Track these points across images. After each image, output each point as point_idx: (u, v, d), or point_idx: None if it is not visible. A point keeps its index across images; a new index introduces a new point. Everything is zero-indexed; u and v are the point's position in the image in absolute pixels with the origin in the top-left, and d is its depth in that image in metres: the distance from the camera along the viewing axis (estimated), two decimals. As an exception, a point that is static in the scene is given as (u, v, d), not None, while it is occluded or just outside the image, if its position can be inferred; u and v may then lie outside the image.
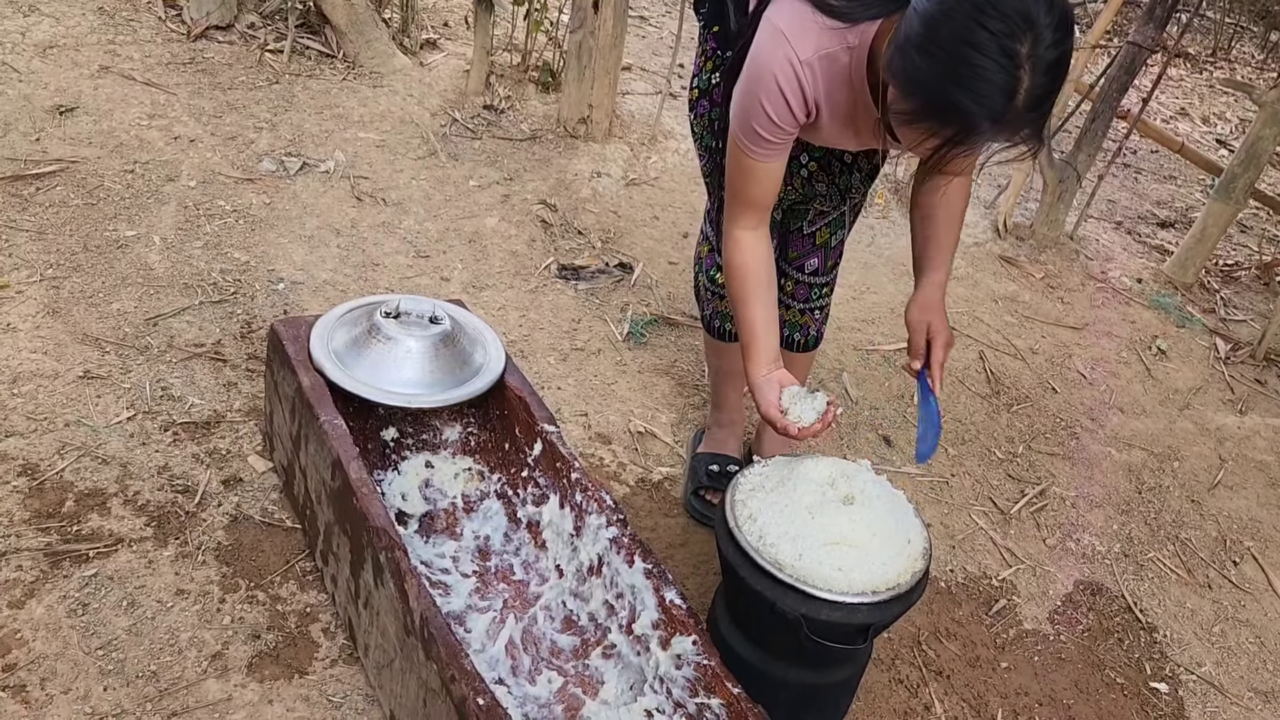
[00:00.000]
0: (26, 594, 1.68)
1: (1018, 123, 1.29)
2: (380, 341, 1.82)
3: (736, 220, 1.70)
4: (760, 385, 1.68)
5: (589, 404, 2.41)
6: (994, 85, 1.23)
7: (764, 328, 1.70)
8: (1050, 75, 1.25)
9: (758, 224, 1.70)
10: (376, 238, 2.77)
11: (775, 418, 1.64)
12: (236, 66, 3.36)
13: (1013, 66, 1.23)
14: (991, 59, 1.22)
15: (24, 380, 2.06)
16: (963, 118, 1.27)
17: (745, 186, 1.67)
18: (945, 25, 1.24)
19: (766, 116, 1.55)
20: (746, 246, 1.70)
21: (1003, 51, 1.22)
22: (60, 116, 2.89)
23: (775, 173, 1.66)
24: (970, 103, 1.25)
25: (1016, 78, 1.23)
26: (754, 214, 1.69)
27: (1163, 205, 4.45)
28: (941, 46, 1.25)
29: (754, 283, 1.70)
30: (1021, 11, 1.22)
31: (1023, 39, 1.22)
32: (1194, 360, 3.23)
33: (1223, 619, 2.29)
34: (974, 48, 1.22)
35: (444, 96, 3.50)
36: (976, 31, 1.22)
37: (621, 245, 3.04)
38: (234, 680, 1.63)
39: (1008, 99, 1.24)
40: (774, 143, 1.60)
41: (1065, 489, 2.55)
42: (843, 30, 1.46)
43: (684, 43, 3.58)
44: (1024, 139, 1.33)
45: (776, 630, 1.54)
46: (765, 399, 1.66)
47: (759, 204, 1.69)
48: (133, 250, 2.49)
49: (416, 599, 1.45)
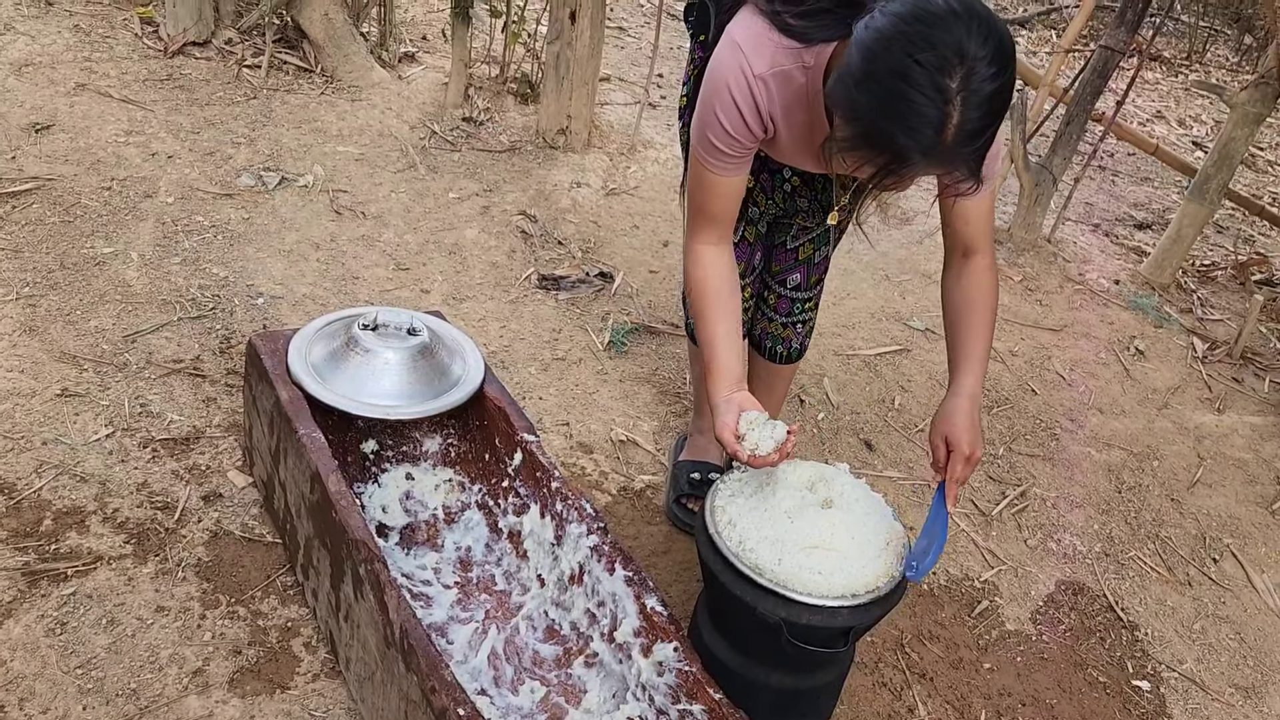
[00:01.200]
0: (4, 614, 1.67)
1: (950, 156, 1.29)
2: (358, 354, 1.82)
3: (697, 235, 1.69)
4: (719, 406, 1.63)
5: (570, 413, 2.41)
6: (924, 119, 1.24)
7: (725, 346, 1.66)
8: (985, 109, 1.26)
9: (719, 239, 1.69)
10: (356, 251, 2.77)
11: (729, 442, 1.57)
12: (214, 82, 3.36)
13: (942, 101, 1.23)
14: (922, 93, 1.23)
15: (0, 399, 2.05)
16: (894, 149, 1.28)
17: (705, 201, 1.66)
18: (881, 58, 1.25)
19: (722, 128, 1.55)
20: (708, 261, 1.68)
21: (934, 86, 1.23)
22: (36, 134, 2.88)
23: (734, 188, 1.65)
24: (901, 136, 1.26)
25: (946, 113, 1.24)
26: (714, 229, 1.68)
27: (1139, 207, 4.49)
28: (876, 79, 1.26)
29: (714, 299, 1.68)
30: (954, 46, 1.22)
31: (954, 73, 1.23)
32: (1172, 360, 3.25)
33: (1203, 616, 2.31)
34: (906, 82, 1.23)
35: (423, 109, 3.51)
36: (909, 66, 1.23)
37: (602, 254, 3.05)
38: (215, 696, 1.63)
39: (937, 133, 1.25)
40: (731, 155, 1.59)
41: (1046, 490, 2.56)
42: (799, 50, 1.47)
43: (662, 53, 3.59)
44: (960, 172, 1.34)
45: (758, 635, 1.54)
46: (722, 422, 1.60)
47: (719, 219, 1.67)
48: (110, 267, 2.49)
49: (396, 611, 1.45)
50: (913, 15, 1.24)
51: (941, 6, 1.24)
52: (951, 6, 1.24)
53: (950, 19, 1.23)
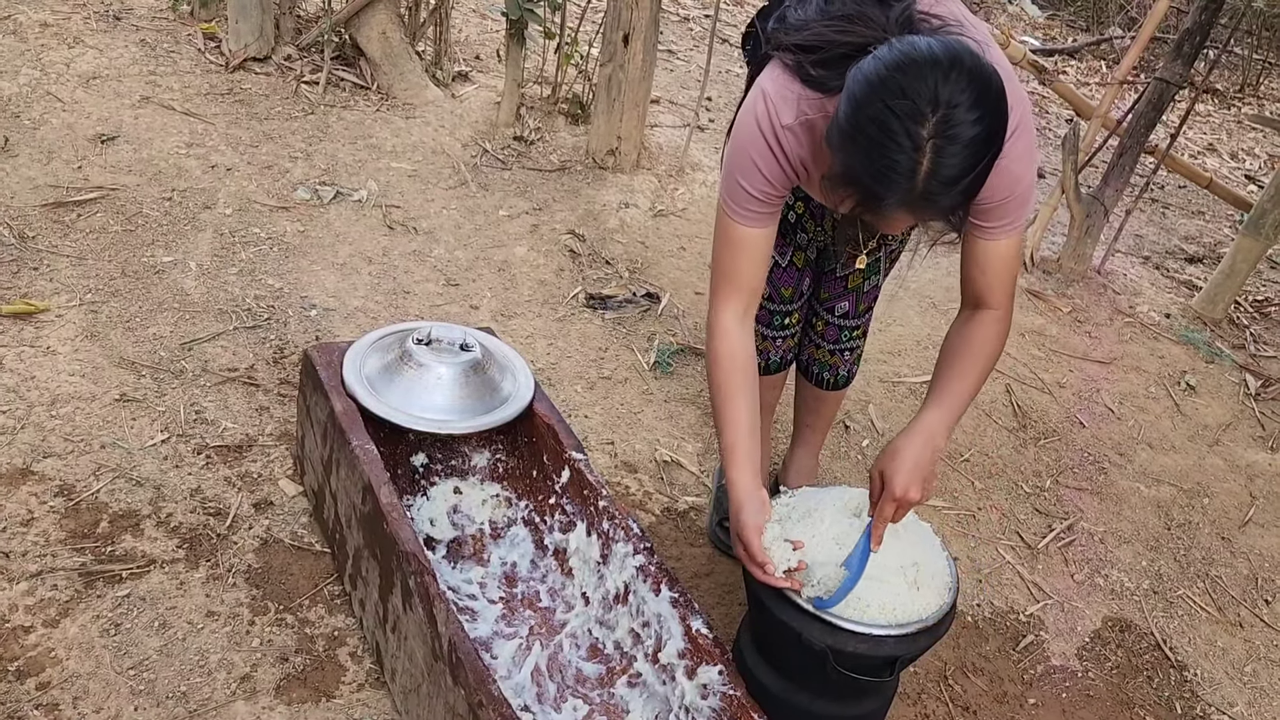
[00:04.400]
0: (61, 613, 1.71)
1: (926, 202, 1.30)
2: (412, 368, 1.84)
3: (723, 304, 1.63)
4: (746, 500, 1.56)
5: (615, 432, 2.42)
6: (896, 167, 1.27)
7: (746, 430, 1.61)
8: (963, 155, 1.27)
9: (744, 310, 1.64)
10: (407, 265, 2.81)
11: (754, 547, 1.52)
12: (273, 97, 3.43)
13: (913, 149, 1.26)
14: (894, 141, 1.26)
15: (62, 402, 2.10)
16: (870, 192, 1.31)
17: (731, 260, 1.62)
18: (863, 106, 1.28)
19: (757, 171, 1.54)
20: (732, 336, 1.63)
21: (905, 134, 1.25)
22: (102, 145, 2.95)
23: (762, 244, 1.61)
24: (877, 182, 1.29)
25: (916, 160, 1.26)
26: (740, 297, 1.63)
27: (1190, 240, 4.43)
28: (858, 127, 1.29)
29: (738, 378, 1.62)
30: (929, 95, 1.24)
31: (925, 121, 1.24)
32: (1224, 396, 3.20)
33: (1254, 658, 2.26)
34: (881, 130, 1.26)
35: (475, 128, 3.55)
36: (885, 114, 1.26)
37: (649, 275, 3.06)
38: (262, 703, 1.65)
39: (909, 179, 1.27)
40: (760, 203, 1.57)
41: (1093, 524, 2.53)
42: (821, 99, 1.48)
43: (711, 77, 3.61)
44: (936, 218, 1.36)
45: (803, 661, 1.54)
46: (746, 520, 1.54)
47: (746, 284, 1.63)
48: (169, 276, 2.54)
49: (445, 624, 1.46)
50: (895, 63, 1.27)
51: (923, 54, 1.26)
52: (934, 53, 1.26)
53: (928, 67, 1.25)
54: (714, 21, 3.66)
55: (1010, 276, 1.61)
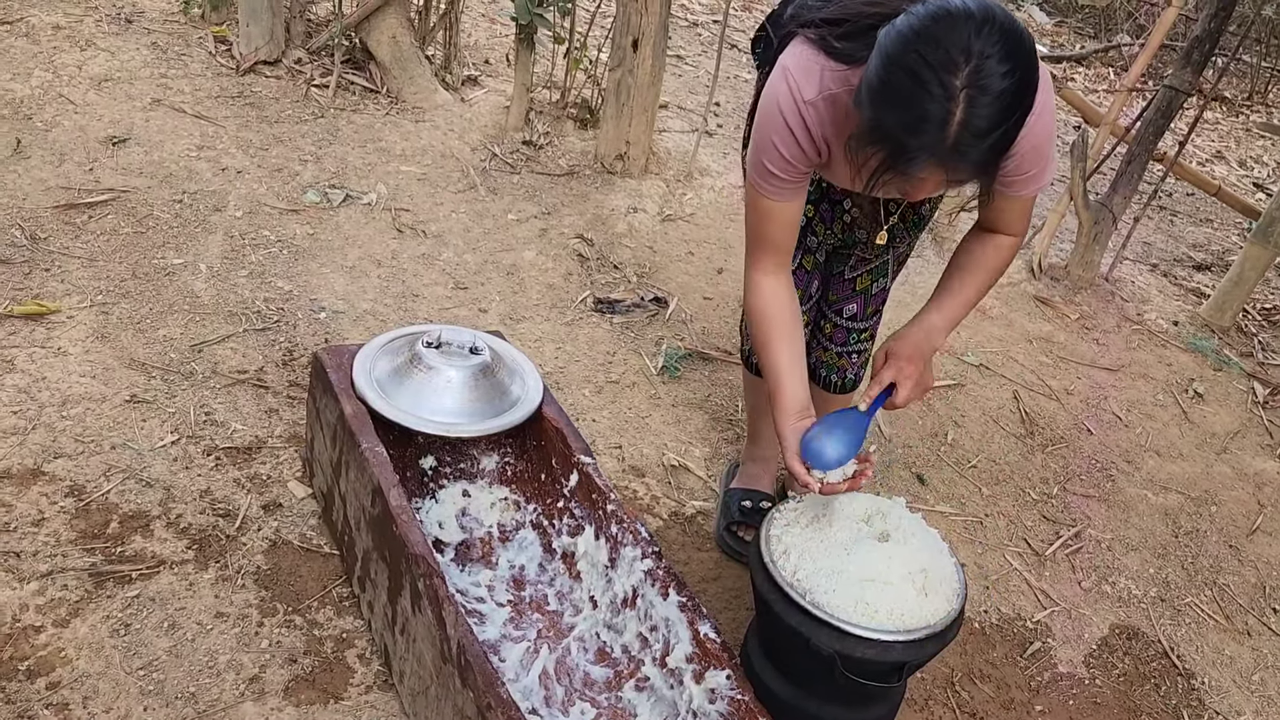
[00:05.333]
0: (71, 613, 1.71)
1: (956, 154, 1.30)
2: (421, 371, 1.85)
3: (756, 263, 1.71)
4: (787, 435, 1.65)
5: (623, 436, 2.43)
6: (927, 115, 1.27)
7: (789, 375, 1.68)
8: (994, 107, 1.27)
9: (776, 267, 1.70)
10: (416, 269, 2.82)
11: (798, 472, 1.60)
12: (283, 100, 3.44)
13: (945, 98, 1.26)
14: (927, 91, 1.26)
15: (73, 403, 2.11)
16: (899, 147, 1.31)
17: (761, 227, 1.68)
18: (895, 59, 1.29)
19: (777, 153, 1.57)
20: (766, 291, 1.70)
21: (939, 83, 1.26)
22: (113, 147, 2.97)
23: (790, 214, 1.66)
24: (907, 133, 1.29)
25: (949, 109, 1.26)
26: (771, 257, 1.70)
27: (1199, 248, 4.43)
28: (890, 79, 1.30)
29: (776, 328, 1.69)
30: (961, 45, 1.25)
31: (958, 71, 1.25)
32: (1231, 404, 3.20)
33: (1262, 667, 2.26)
34: (914, 80, 1.27)
35: (484, 132, 3.56)
36: (917, 64, 1.27)
37: (657, 280, 3.07)
38: (270, 704, 1.65)
39: (940, 129, 1.28)
40: (785, 180, 1.60)
41: (1101, 531, 2.53)
42: (846, 72, 1.49)
43: (720, 82, 3.62)
44: (965, 173, 1.35)
45: (811, 666, 1.54)
46: (791, 449, 1.63)
47: (776, 246, 1.69)
48: (180, 278, 2.55)
49: (454, 626, 1.47)
50: (929, 16, 1.28)
51: (957, 8, 1.27)
52: (967, 8, 1.27)
53: (962, 20, 1.26)
54: (723, 27, 3.67)
55: (1029, 214, 1.71)
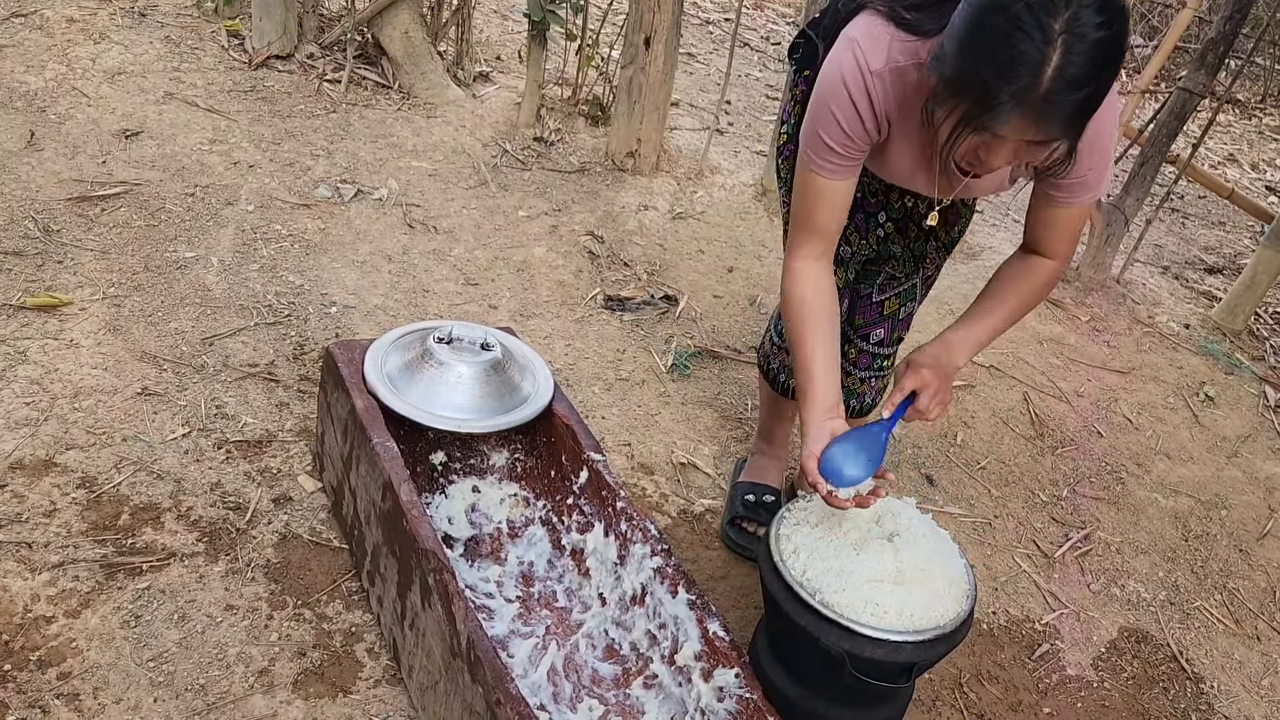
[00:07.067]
0: (82, 604, 1.72)
1: (1046, 105, 1.25)
2: (432, 366, 1.85)
3: (798, 249, 1.65)
4: (811, 433, 1.58)
5: (632, 434, 2.43)
6: (1023, 58, 1.23)
7: (822, 369, 1.61)
8: (1089, 56, 1.23)
9: (820, 254, 1.65)
10: (427, 264, 2.82)
11: (812, 470, 1.54)
12: (295, 95, 3.45)
13: (1043, 41, 1.22)
14: (1023, 31, 1.22)
15: (84, 395, 2.12)
16: (986, 92, 1.26)
17: (810, 208, 1.62)
18: (987, 3, 1.26)
19: (836, 125, 1.52)
20: (808, 278, 1.64)
21: (1036, 24, 1.22)
22: (126, 140, 2.98)
23: (841, 195, 1.61)
24: (996, 77, 1.25)
25: (1045, 53, 1.22)
26: (817, 242, 1.64)
27: (1211, 251, 4.41)
28: (983, 24, 1.26)
29: (814, 318, 1.62)
30: None
31: (1058, 14, 1.22)
32: (1243, 408, 3.19)
33: (1272, 671, 2.25)
34: (1010, 21, 1.23)
35: (495, 128, 3.57)
36: (1017, 5, 1.23)
37: (667, 278, 3.07)
38: (279, 697, 1.66)
39: (1033, 74, 1.23)
40: (842, 155, 1.56)
41: (1110, 534, 2.52)
42: (915, 44, 1.45)
43: (732, 81, 3.61)
44: (1055, 128, 1.29)
45: (819, 666, 1.54)
46: (810, 450, 1.56)
47: (822, 230, 1.63)
48: (191, 271, 2.56)
49: (464, 621, 1.47)
50: None
51: None
52: None
53: None
54: (735, 25, 3.66)
55: (1075, 234, 1.69)
